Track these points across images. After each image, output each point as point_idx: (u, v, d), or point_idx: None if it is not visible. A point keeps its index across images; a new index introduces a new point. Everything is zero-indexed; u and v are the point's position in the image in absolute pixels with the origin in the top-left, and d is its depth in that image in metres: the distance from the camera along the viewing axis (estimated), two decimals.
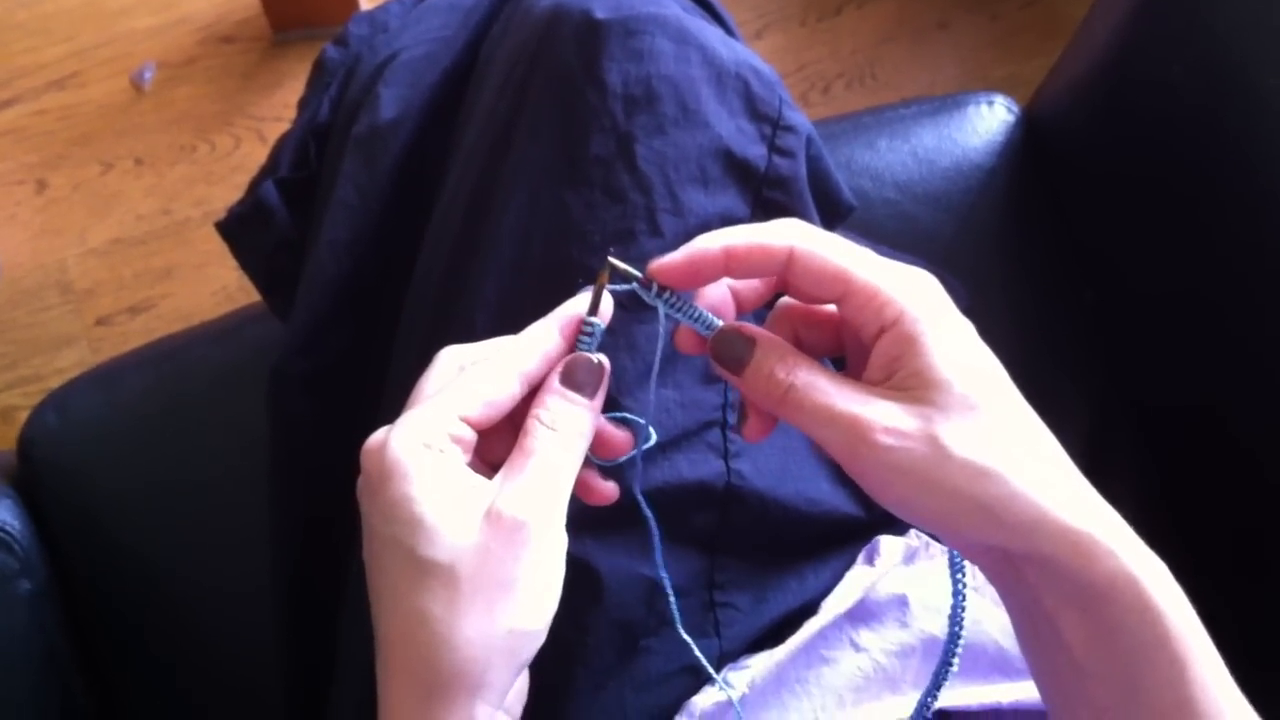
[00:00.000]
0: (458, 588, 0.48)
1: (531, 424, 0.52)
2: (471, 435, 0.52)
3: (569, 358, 0.54)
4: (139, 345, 1.13)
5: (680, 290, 0.52)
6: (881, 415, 0.48)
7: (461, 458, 0.51)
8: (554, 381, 0.53)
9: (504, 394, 0.52)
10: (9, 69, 1.95)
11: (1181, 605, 0.48)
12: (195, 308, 1.83)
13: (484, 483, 0.51)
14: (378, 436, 0.51)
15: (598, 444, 0.55)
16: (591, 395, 0.53)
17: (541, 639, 0.51)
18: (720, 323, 0.53)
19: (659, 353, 0.55)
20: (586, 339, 0.54)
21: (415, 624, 0.49)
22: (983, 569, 0.52)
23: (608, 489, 0.57)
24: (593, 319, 0.54)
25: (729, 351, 0.52)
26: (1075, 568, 0.47)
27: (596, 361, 0.54)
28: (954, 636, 0.58)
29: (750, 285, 0.55)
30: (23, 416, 1.06)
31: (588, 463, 0.55)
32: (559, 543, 0.51)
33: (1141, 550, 0.48)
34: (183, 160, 1.91)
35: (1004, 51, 1.96)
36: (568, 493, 0.52)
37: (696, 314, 0.53)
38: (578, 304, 0.55)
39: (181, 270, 1.85)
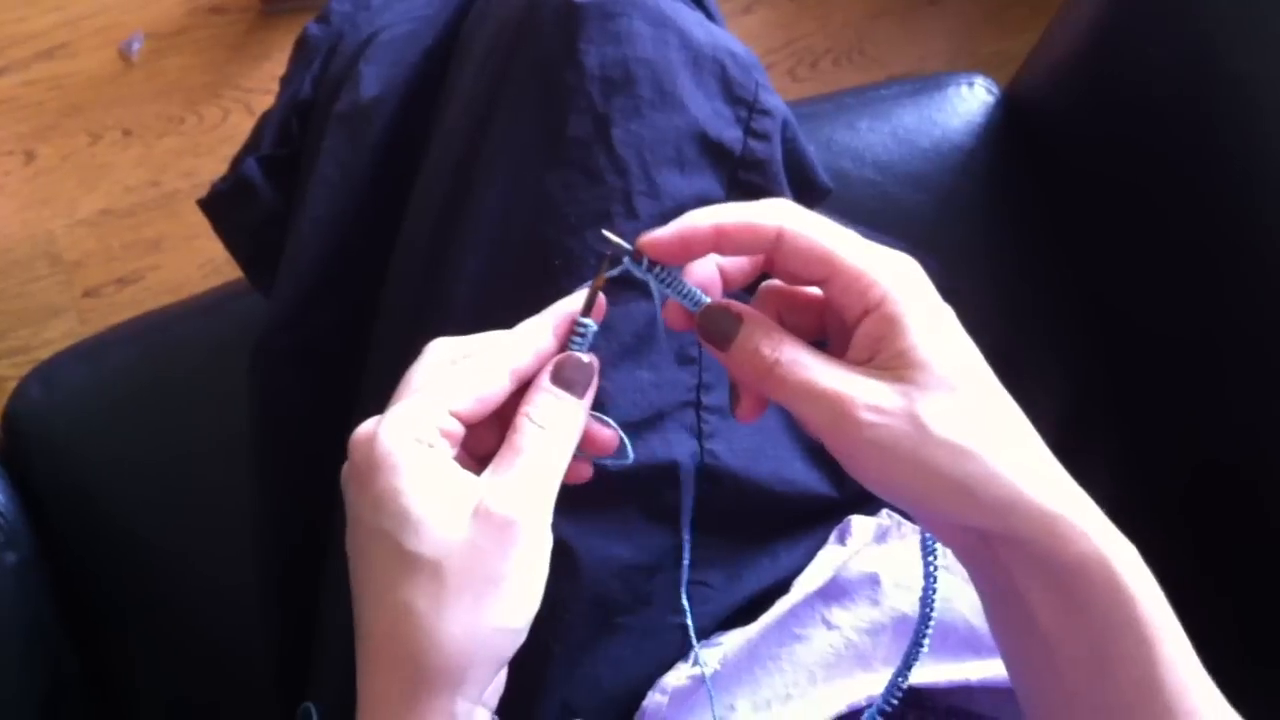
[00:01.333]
0: (444, 583, 0.49)
1: (521, 421, 0.52)
2: (460, 429, 0.52)
3: (559, 356, 0.54)
4: (127, 317, 1.14)
5: (669, 265, 0.53)
6: (864, 393, 0.48)
7: (450, 452, 0.51)
8: (544, 379, 0.53)
9: (495, 389, 0.53)
10: None
11: (1151, 587, 0.48)
12: (184, 280, 1.83)
13: (471, 478, 0.51)
14: (366, 427, 0.51)
15: (583, 440, 0.56)
16: (581, 394, 0.54)
17: (524, 636, 0.52)
18: (708, 299, 0.53)
19: (659, 323, 0.55)
20: (579, 339, 0.54)
21: (400, 618, 0.49)
22: (955, 550, 0.53)
23: (582, 468, 0.58)
24: (586, 320, 0.55)
25: (716, 327, 0.52)
26: (1049, 548, 0.48)
27: (587, 360, 0.54)
28: (925, 618, 0.59)
29: (737, 264, 0.55)
30: (11, 388, 1.06)
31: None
32: (546, 541, 0.51)
33: (1112, 533, 0.49)
34: (171, 132, 1.91)
35: (994, 27, 1.96)
36: (555, 491, 0.52)
37: (685, 290, 0.53)
38: (573, 302, 0.55)
39: (170, 242, 1.85)
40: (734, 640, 0.71)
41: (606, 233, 0.53)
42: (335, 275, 0.83)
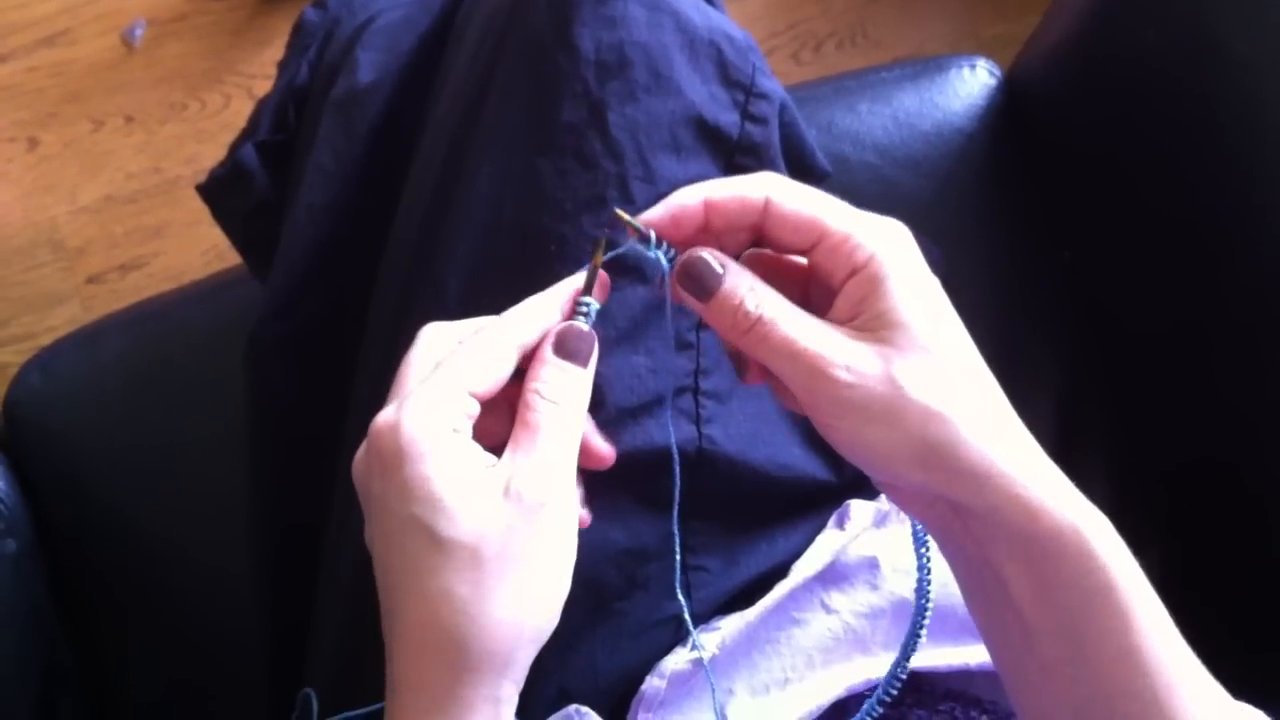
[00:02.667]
0: (483, 568, 0.49)
1: (532, 398, 0.52)
2: (477, 409, 0.52)
3: (560, 327, 0.54)
4: (128, 305, 1.14)
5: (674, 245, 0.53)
6: (842, 352, 0.49)
7: (471, 434, 0.51)
8: (547, 352, 0.53)
9: (506, 366, 0.53)
10: None
11: (1125, 559, 0.48)
12: (186, 266, 1.83)
13: (495, 461, 0.51)
14: (388, 415, 0.51)
15: (583, 455, 0.56)
16: (584, 364, 0.54)
17: (559, 615, 0.52)
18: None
19: (668, 306, 0.55)
20: (581, 318, 0.54)
21: (440, 605, 0.49)
22: (928, 524, 0.53)
23: (606, 451, 0.58)
24: (588, 298, 0.55)
25: (697, 277, 0.52)
26: (1020, 519, 0.48)
27: (587, 329, 0.54)
28: (920, 609, 0.59)
29: (730, 237, 0.55)
30: (14, 375, 1.07)
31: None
32: (574, 518, 0.52)
33: (1084, 504, 0.49)
34: (173, 118, 1.90)
35: (996, 10, 1.95)
36: (575, 466, 0.53)
37: None
38: (576, 282, 0.55)
39: (172, 229, 1.85)
40: (732, 625, 0.71)
41: (619, 211, 0.53)
42: (329, 263, 0.83)
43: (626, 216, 0.53)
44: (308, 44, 0.89)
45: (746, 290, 0.51)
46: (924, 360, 0.48)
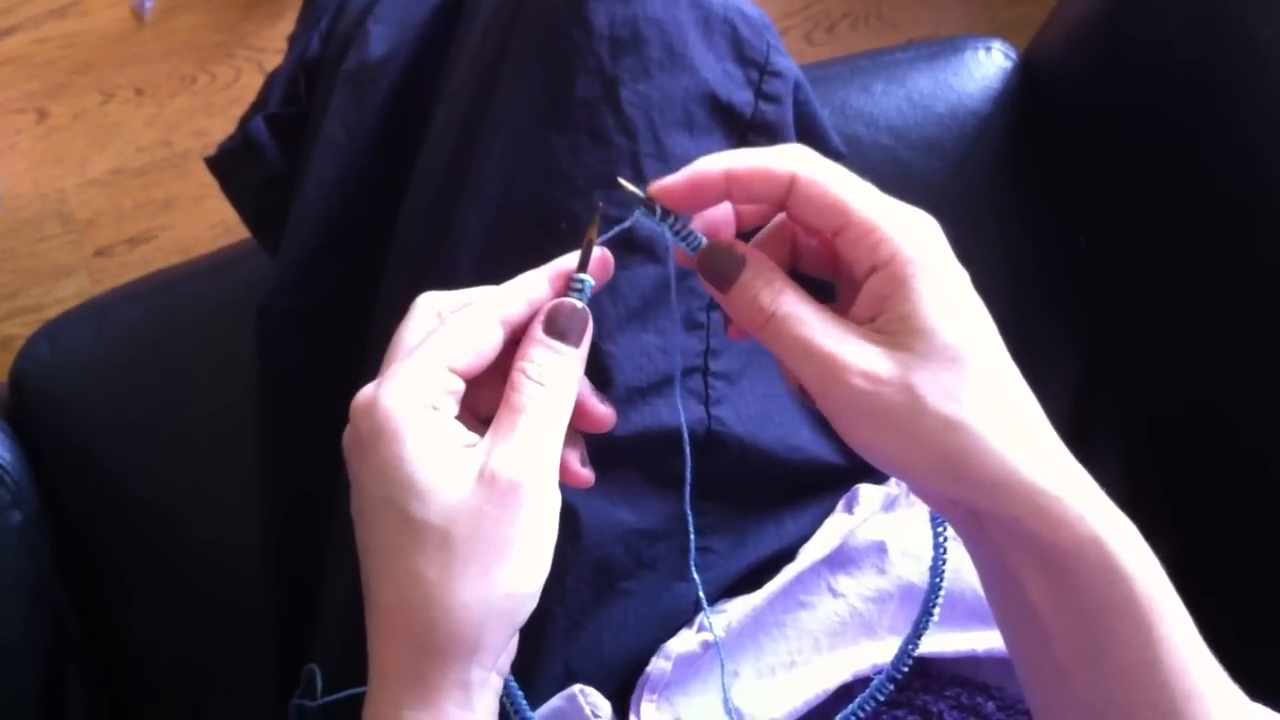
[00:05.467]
0: (453, 550, 0.48)
1: (518, 378, 0.51)
2: (460, 386, 0.51)
3: (551, 304, 0.52)
4: (136, 277, 1.14)
5: (681, 213, 0.52)
6: (859, 357, 0.47)
7: (453, 411, 0.51)
8: (537, 330, 0.52)
9: (490, 342, 0.52)
10: None
11: (1149, 567, 0.47)
12: (195, 240, 1.83)
13: (475, 440, 0.50)
14: (367, 392, 0.50)
15: (579, 415, 0.54)
16: (576, 343, 0.52)
17: (535, 601, 0.51)
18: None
19: (672, 285, 0.54)
20: (575, 295, 0.53)
21: (409, 586, 0.49)
22: (949, 520, 0.52)
23: (605, 413, 0.56)
24: (582, 275, 0.53)
25: (718, 266, 0.51)
26: (1040, 530, 0.47)
27: (580, 307, 0.53)
28: (934, 587, 0.59)
29: (752, 206, 0.54)
30: (22, 346, 1.06)
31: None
32: (553, 501, 0.51)
33: (1111, 513, 0.48)
34: (183, 91, 1.90)
35: None
36: (559, 448, 0.51)
37: (698, 243, 0.52)
38: (570, 259, 0.54)
39: (181, 202, 1.84)
40: (739, 607, 0.71)
41: (623, 181, 0.52)
42: (340, 237, 0.83)
43: (630, 186, 0.52)
44: (319, 17, 0.89)
45: (764, 285, 0.50)
46: (945, 369, 0.47)
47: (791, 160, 0.50)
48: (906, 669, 0.61)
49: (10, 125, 1.88)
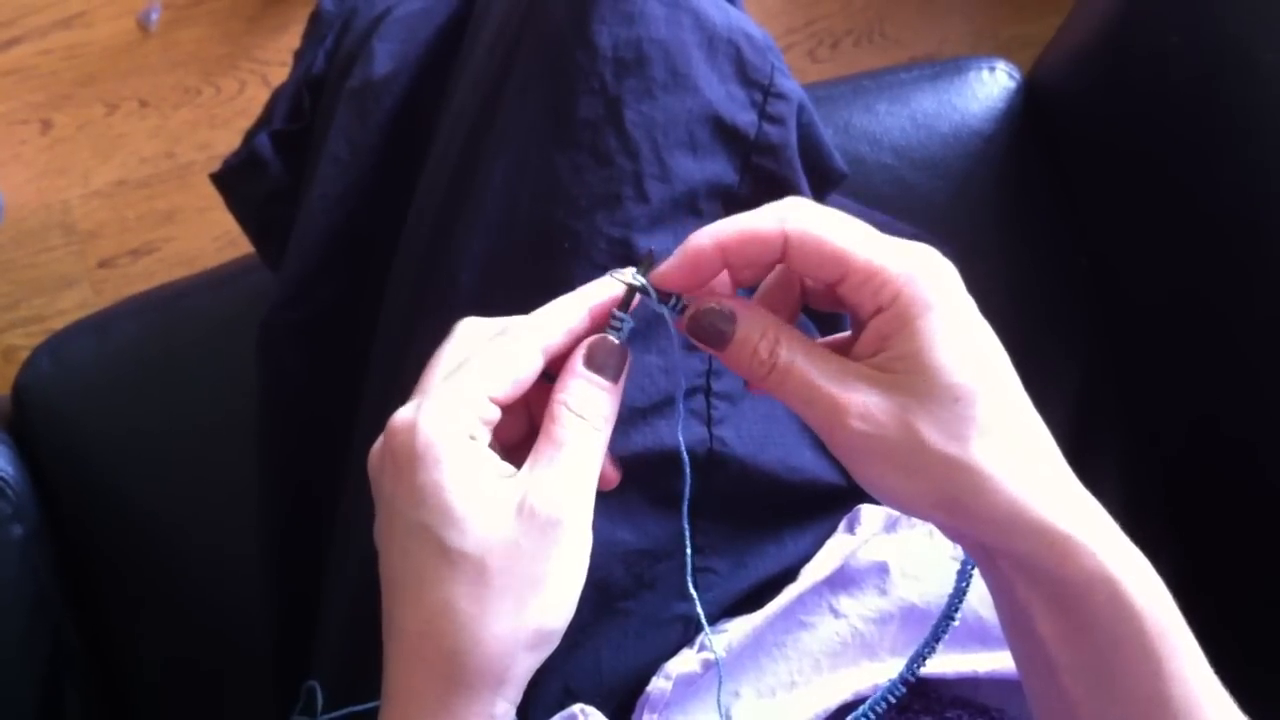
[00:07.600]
0: (487, 583, 0.48)
1: (558, 410, 0.51)
2: (497, 415, 0.51)
3: (591, 339, 0.53)
4: (140, 289, 1.14)
5: (683, 295, 0.52)
6: (860, 399, 0.47)
7: (487, 440, 0.50)
8: (577, 364, 0.52)
9: (529, 370, 0.51)
10: (15, 7, 1.93)
11: (1161, 602, 0.47)
12: (198, 252, 1.83)
13: (512, 471, 0.50)
14: (405, 414, 0.50)
15: None
16: (614, 379, 0.52)
17: (560, 637, 0.51)
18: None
19: (675, 339, 0.54)
20: (614, 331, 0.53)
21: (439, 615, 0.48)
22: (961, 546, 0.53)
23: (610, 474, 0.56)
24: (623, 314, 0.53)
25: (710, 328, 0.51)
26: (1048, 565, 0.47)
27: (619, 344, 0.53)
28: (952, 607, 0.58)
29: (753, 271, 0.53)
30: (24, 357, 1.06)
31: None
32: (587, 539, 0.51)
33: (1123, 547, 0.48)
34: (187, 103, 1.90)
35: (1015, 11, 1.94)
36: (595, 484, 0.51)
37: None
38: (603, 287, 0.54)
39: (184, 214, 1.85)
40: (740, 627, 0.71)
41: (614, 275, 0.52)
42: (342, 253, 0.83)
43: (627, 278, 0.52)
44: (324, 34, 0.89)
45: (759, 336, 0.50)
46: (946, 409, 0.47)
47: (778, 217, 0.49)
48: (905, 690, 0.61)
49: (14, 136, 1.88)
